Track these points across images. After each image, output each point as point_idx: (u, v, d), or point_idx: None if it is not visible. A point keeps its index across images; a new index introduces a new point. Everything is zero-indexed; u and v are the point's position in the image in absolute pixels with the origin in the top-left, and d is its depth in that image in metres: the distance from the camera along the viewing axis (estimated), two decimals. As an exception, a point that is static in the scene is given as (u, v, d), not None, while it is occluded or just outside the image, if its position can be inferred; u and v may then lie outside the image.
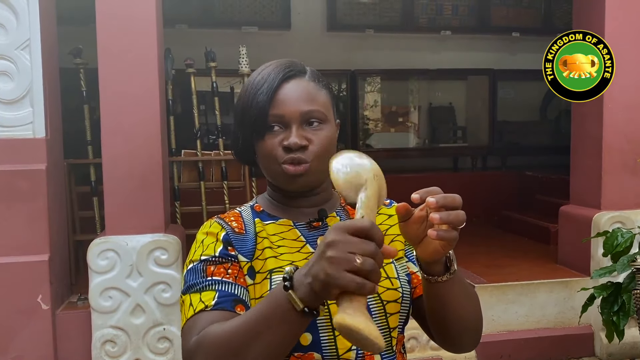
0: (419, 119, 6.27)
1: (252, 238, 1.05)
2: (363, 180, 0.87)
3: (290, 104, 1.03)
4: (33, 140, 2.94)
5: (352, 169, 0.88)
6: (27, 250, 2.93)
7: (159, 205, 3.00)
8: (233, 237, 1.04)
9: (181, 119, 4.31)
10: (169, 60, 3.60)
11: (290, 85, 1.05)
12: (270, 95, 1.03)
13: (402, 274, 1.09)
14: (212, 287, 0.96)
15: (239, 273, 1.00)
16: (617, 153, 3.44)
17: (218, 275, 0.98)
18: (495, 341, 3.34)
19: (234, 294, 0.96)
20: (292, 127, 1.03)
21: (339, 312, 0.77)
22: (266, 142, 1.04)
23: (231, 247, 1.03)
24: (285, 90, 1.04)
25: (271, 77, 1.05)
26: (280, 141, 1.03)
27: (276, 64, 1.07)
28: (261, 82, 1.05)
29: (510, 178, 5.86)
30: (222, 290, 0.96)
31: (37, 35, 2.91)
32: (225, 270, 0.99)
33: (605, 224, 3.31)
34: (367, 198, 0.86)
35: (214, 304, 0.94)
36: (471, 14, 6.43)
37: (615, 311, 2.52)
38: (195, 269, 1.00)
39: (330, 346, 0.99)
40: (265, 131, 1.04)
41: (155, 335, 2.95)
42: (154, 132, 2.99)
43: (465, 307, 1.01)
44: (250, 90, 1.06)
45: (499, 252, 4.32)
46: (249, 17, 5.85)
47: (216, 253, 1.01)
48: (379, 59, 6.02)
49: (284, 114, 1.03)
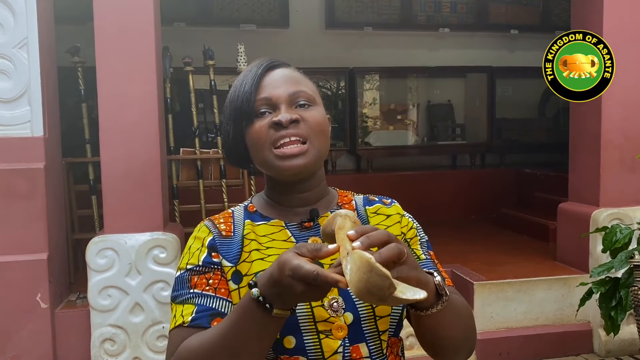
0: (418, 117, 6.26)
1: (238, 241, 1.05)
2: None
3: (276, 86, 1.04)
4: (31, 139, 2.94)
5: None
6: (26, 249, 2.93)
7: (157, 204, 3.00)
8: (219, 242, 1.05)
9: (179, 117, 4.31)
10: (167, 59, 3.59)
11: (276, 72, 1.07)
12: (255, 82, 1.04)
13: None
14: (192, 301, 1.00)
15: (220, 282, 1.02)
16: (616, 150, 3.44)
17: (200, 287, 1.01)
18: (494, 338, 3.35)
19: (211, 308, 0.99)
20: (280, 107, 1.03)
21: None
22: (255, 126, 1.03)
23: (215, 253, 1.04)
24: (271, 76, 1.06)
25: (255, 68, 1.07)
26: (270, 121, 1.02)
27: (261, 58, 1.10)
28: (246, 74, 1.07)
29: (509, 175, 5.87)
30: (200, 305, 0.99)
31: (35, 34, 2.91)
32: (207, 281, 1.02)
33: (604, 221, 3.31)
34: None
35: (191, 319, 0.98)
36: (469, 12, 6.42)
37: (613, 306, 2.53)
38: (182, 279, 1.03)
39: (316, 349, 0.98)
40: (254, 117, 1.03)
41: (154, 334, 2.95)
42: (152, 131, 2.99)
43: (458, 327, 0.99)
44: (237, 84, 1.07)
45: (497, 249, 4.32)
46: (247, 15, 5.84)
47: (200, 262, 1.03)
48: (377, 57, 6.02)
49: (270, 96, 1.03)
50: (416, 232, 1.14)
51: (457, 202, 5.65)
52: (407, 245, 1.11)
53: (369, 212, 1.13)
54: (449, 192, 5.65)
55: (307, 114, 1.03)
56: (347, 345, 0.99)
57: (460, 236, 4.77)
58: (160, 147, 3.05)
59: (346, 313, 0.99)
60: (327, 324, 0.98)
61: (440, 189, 5.62)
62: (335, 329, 0.98)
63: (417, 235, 1.14)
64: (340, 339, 0.98)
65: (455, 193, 5.66)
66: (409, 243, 1.12)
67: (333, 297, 0.99)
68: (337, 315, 0.99)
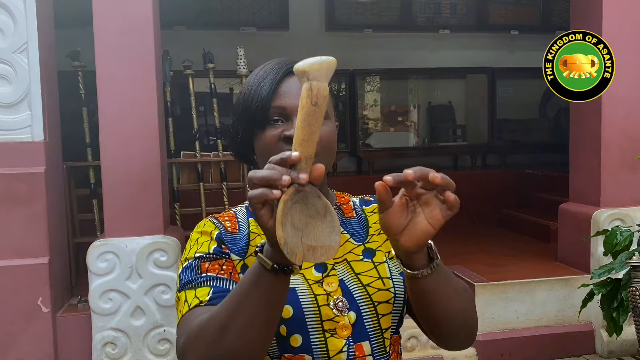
0: (419, 118, 6.27)
1: (245, 236, 1.05)
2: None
3: (292, 97, 1.02)
4: (32, 144, 2.94)
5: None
6: (27, 253, 2.93)
7: (158, 207, 3.00)
8: (225, 236, 1.04)
9: (180, 120, 4.31)
10: (167, 62, 3.60)
11: (293, 79, 1.03)
12: (272, 87, 1.02)
13: (396, 272, 1.07)
14: (207, 283, 0.97)
15: (233, 270, 1.01)
16: (616, 150, 3.44)
17: (213, 271, 0.98)
18: (496, 339, 3.34)
19: (228, 289, 0.95)
20: (293, 119, 1.01)
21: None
22: (266, 134, 1.02)
23: (224, 246, 1.03)
24: (288, 84, 1.03)
25: (274, 71, 1.04)
26: (281, 132, 1.01)
27: (278, 60, 1.07)
28: (264, 76, 1.04)
29: (510, 176, 5.86)
30: (216, 286, 0.96)
31: (35, 39, 2.92)
32: (220, 266, 1.00)
33: (605, 222, 3.31)
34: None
35: (209, 299, 0.94)
36: (469, 13, 6.43)
37: (615, 307, 2.52)
38: (190, 267, 1.00)
39: (322, 348, 0.99)
40: (266, 123, 1.02)
41: (155, 337, 2.95)
42: (152, 134, 2.99)
43: (453, 301, 0.97)
44: (252, 84, 1.05)
45: (499, 250, 4.32)
46: (247, 18, 5.85)
47: (210, 250, 1.02)
48: (377, 59, 6.02)
49: (286, 106, 1.02)
50: None
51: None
52: None
53: (366, 212, 1.15)
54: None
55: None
56: (351, 343, 1.00)
57: (462, 237, 4.76)
58: (161, 151, 3.05)
59: (350, 312, 1.01)
60: (332, 323, 0.99)
61: (441, 190, 5.60)
62: (339, 328, 0.99)
63: None
64: (345, 338, 1.00)
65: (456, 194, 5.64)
66: None
67: (338, 297, 1.01)
68: (341, 315, 1.00)
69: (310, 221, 0.80)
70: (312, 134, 0.79)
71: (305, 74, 0.80)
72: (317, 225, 0.81)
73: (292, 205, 0.79)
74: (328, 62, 0.80)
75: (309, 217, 0.80)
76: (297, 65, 0.80)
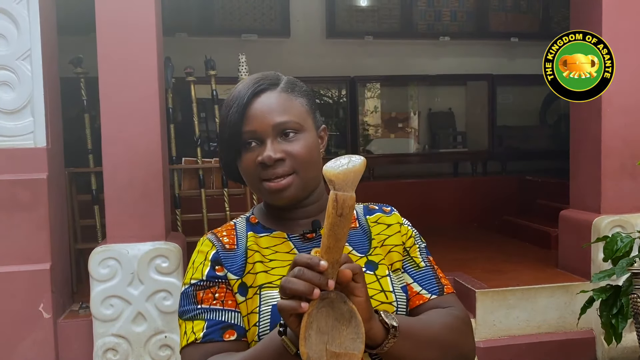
0: (419, 125, 6.28)
1: (242, 253, 1.06)
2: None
3: (261, 119, 1.03)
4: (34, 150, 2.95)
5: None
6: (29, 259, 2.93)
7: (159, 213, 3.00)
8: (222, 255, 1.06)
9: (181, 127, 4.32)
10: (169, 69, 3.61)
11: (261, 99, 1.05)
12: (241, 112, 1.04)
13: (398, 286, 1.08)
14: (202, 317, 1.01)
15: (226, 295, 1.03)
16: (616, 156, 3.44)
17: (207, 302, 1.02)
18: (497, 346, 3.34)
19: (222, 321, 1.00)
20: (266, 141, 1.03)
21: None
22: (243, 159, 1.05)
23: (219, 267, 1.05)
24: (255, 105, 1.04)
25: (241, 94, 1.05)
26: (256, 157, 1.03)
27: (247, 80, 1.08)
28: (233, 101, 1.06)
29: (511, 183, 5.87)
30: (210, 320, 1.00)
31: (38, 45, 2.93)
32: (213, 295, 1.02)
33: (605, 228, 3.31)
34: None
35: (203, 335, 0.99)
36: (469, 20, 6.46)
37: (615, 314, 2.52)
38: (187, 294, 1.04)
39: None
40: (242, 148, 1.05)
41: (156, 343, 2.95)
42: (154, 140, 3.00)
43: (432, 350, 0.98)
44: (224, 110, 1.07)
45: (499, 257, 4.32)
46: (248, 25, 5.87)
47: (203, 276, 1.04)
48: (378, 66, 6.05)
49: (255, 129, 1.03)
50: (414, 241, 1.16)
51: (459, 210, 5.65)
52: (407, 253, 1.14)
53: (369, 222, 1.15)
54: (450, 199, 5.65)
55: (292, 147, 1.04)
56: None
57: (462, 244, 4.76)
58: (162, 157, 3.06)
59: None
60: None
61: (442, 197, 5.62)
62: None
63: (415, 243, 1.16)
64: None
65: (457, 201, 5.67)
66: (409, 251, 1.14)
67: None
68: None
69: (336, 324, 0.82)
70: (338, 241, 0.81)
71: (331, 182, 0.81)
72: (343, 330, 0.83)
73: (319, 311, 0.81)
74: (355, 170, 0.81)
75: (335, 320, 0.82)
76: (325, 169, 0.82)
